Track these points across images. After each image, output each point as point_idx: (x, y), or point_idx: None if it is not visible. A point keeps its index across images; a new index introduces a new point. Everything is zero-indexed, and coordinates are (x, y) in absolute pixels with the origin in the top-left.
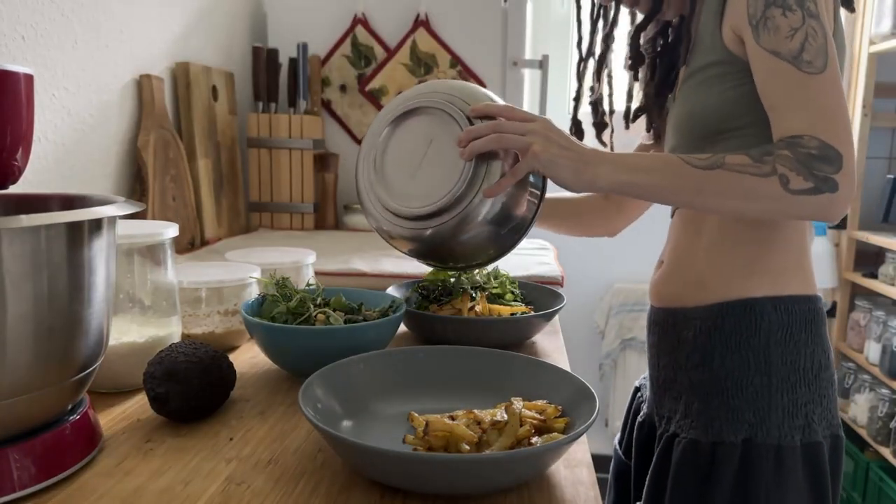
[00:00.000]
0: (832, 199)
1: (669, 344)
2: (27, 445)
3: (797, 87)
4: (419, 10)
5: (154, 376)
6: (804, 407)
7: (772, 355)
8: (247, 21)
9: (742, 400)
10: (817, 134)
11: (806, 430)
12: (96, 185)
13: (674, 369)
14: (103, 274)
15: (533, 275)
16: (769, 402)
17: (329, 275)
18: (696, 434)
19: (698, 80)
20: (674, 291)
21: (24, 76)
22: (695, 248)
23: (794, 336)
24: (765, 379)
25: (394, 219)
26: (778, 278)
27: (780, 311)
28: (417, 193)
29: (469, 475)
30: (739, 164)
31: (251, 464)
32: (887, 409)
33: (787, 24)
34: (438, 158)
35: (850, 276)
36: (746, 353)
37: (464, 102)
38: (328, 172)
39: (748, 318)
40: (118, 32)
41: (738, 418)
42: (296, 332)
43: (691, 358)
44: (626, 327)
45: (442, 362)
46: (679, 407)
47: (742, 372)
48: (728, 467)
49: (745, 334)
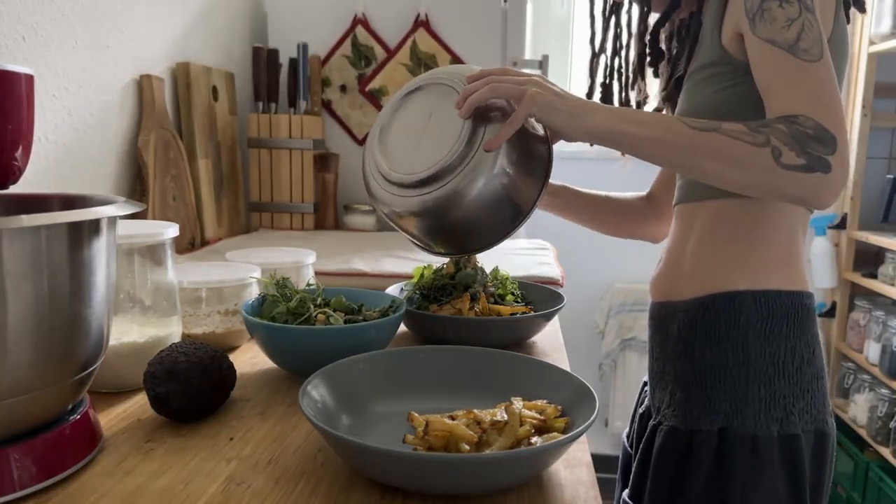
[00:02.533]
0: (824, 181)
1: (661, 337)
2: (27, 445)
3: (793, 72)
4: (419, 11)
5: (154, 376)
6: (782, 399)
7: (750, 347)
8: (247, 21)
9: (720, 390)
10: (812, 115)
11: (784, 422)
12: (96, 185)
13: (662, 361)
14: (104, 274)
15: (533, 275)
16: (746, 393)
17: (329, 275)
18: (676, 422)
19: (694, 81)
20: (667, 286)
21: (24, 76)
22: (686, 243)
23: (775, 330)
24: (742, 370)
25: (398, 191)
26: (760, 273)
27: (760, 304)
28: (419, 161)
29: (469, 475)
30: (735, 131)
31: (251, 464)
32: (887, 409)
33: (784, 15)
34: (439, 127)
35: (849, 276)
36: (725, 344)
37: (463, 77)
38: (328, 172)
39: (728, 311)
40: (118, 33)
41: (715, 408)
42: (296, 332)
43: (675, 349)
44: (625, 327)
45: (442, 362)
46: (665, 397)
47: (721, 363)
48: (705, 454)
49: (724, 326)
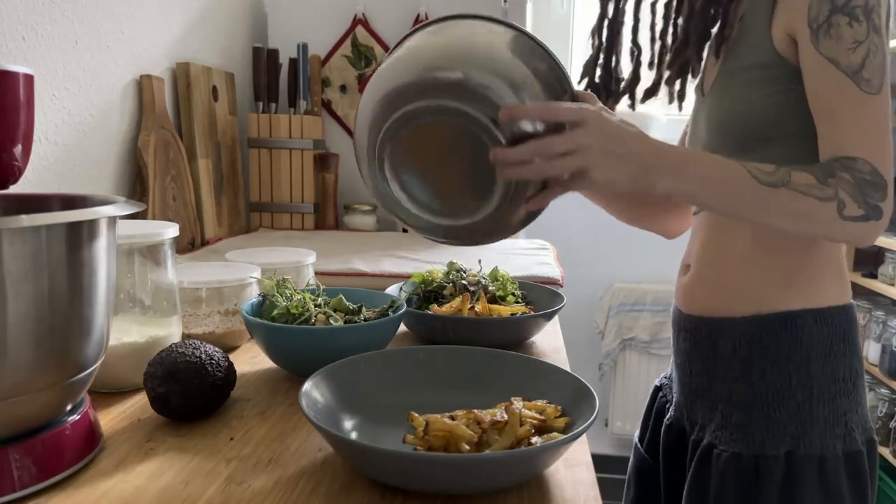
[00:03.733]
0: (874, 227)
1: (704, 353)
2: (27, 445)
3: (853, 103)
4: (419, 10)
5: (154, 376)
6: (843, 417)
7: (812, 369)
8: (247, 21)
9: (784, 413)
10: (870, 159)
11: (847, 439)
12: (96, 185)
13: (709, 379)
14: (104, 274)
15: (533, 275)
16: (811, 415)
17: (329, 275)
18: (738, 447)
19: (743, 80)
20: (706, 299)
21: (24, 76)
22: (727, 254)
23: (834, 348)
24: (806, 392)
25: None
26: (817, 290)
27: (820, 324)
28: (443, 207)
29: (469, 475)
30: (805, 185)
31: (251, 464)
32: (887, 409)
33: (851, 36)
34: (463, 168)
35: (849, 276)
36: (788, 366)
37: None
38: (328, 172)
39: (788, 333)
40: (119, 33)
41: (780, 431)
42: (296, 332)
43: (730, 370)
44: (625, 327)
45: (442, 362)
46: (715, 416)
47: (783, 385)
48: (772, 480)
49: (786, 348)
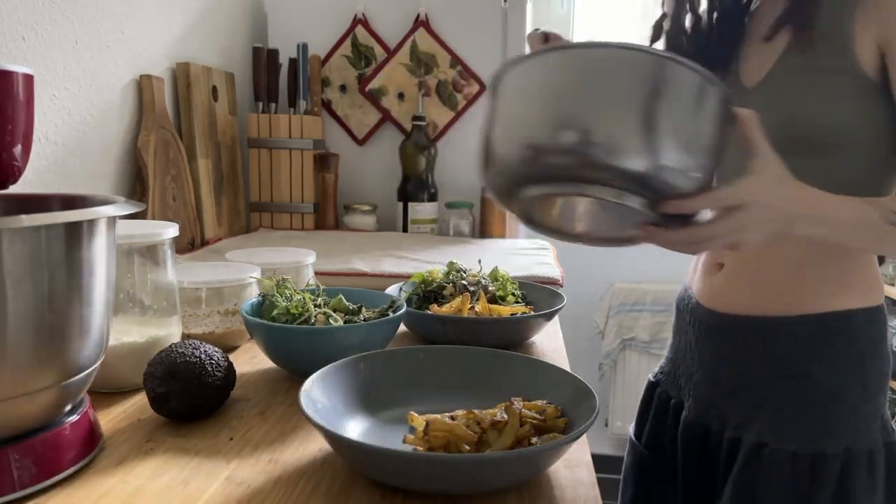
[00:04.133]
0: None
1: (746, 352)
2: (27, 445)
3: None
4: (419, 10)
5: (154, 376)
6: (881, 408)
7: (866, 366)
8: (247, 21)
9: (841, 410)
10: None
11: (883, 432)
12: (96, 185)
13: (753, 376)
14: (103, 274)
15: (533, 275)
16: (864, 411)
17: (329, 275)
18: (794, 446)
19: (813, 81)
20: (752, 298)
21: (24, 76)
22: (777, 254)
23: (882, 346)
24: (860, 390)
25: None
26: (868, 289)
27: (872, 322)
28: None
29: (469, 475)
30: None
31: (251, 464)
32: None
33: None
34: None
35: None
36: (845, 364)
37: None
38: (328, 172)
39: (846, 331)
40: (118, 33)
41: (839, 429)
42: (296, 332)
43: (784, 369)
44: (625, 327)
45: (442, 362)
46: (761, 414)
47: (842, 383)
48: (828, 477)
49: (843, 347)
